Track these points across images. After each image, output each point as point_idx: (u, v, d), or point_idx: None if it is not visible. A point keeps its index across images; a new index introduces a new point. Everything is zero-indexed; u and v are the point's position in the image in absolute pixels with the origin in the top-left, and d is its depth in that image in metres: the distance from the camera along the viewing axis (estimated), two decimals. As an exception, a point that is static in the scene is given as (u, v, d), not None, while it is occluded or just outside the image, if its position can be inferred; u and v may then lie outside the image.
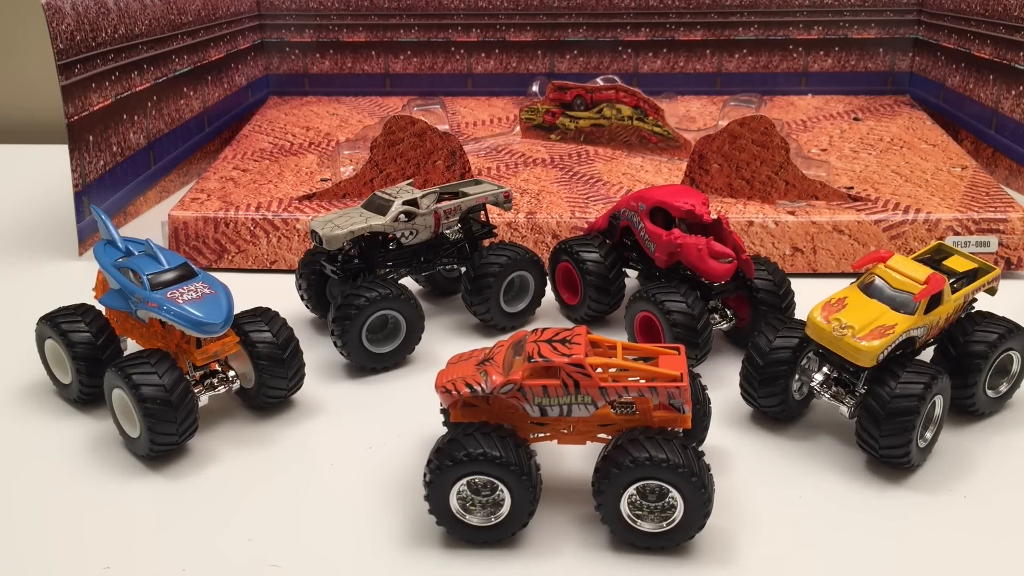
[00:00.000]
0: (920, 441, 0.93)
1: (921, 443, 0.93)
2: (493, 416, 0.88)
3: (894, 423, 0.90)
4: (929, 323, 0.96)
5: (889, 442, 0.91)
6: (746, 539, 0.87)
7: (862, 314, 0.94)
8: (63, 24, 1.42)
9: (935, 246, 1.06)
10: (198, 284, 1.00)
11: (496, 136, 1.78)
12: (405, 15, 2.07)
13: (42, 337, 1.08)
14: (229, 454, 1.00)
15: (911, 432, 0.90)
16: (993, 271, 1.02)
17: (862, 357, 0.91)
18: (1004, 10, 1.71)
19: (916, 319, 0.94)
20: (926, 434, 0.94)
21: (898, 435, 0.90)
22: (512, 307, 1.23)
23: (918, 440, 0.92)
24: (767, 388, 0.99)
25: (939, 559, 0.84)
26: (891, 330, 0.92)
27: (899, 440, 0.90)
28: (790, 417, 1.01)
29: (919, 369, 0.92)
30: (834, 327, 0.93)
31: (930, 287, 0.94)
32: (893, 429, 0.90)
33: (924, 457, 0.95)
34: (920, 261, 1.02)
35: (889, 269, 0.97)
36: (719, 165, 1.44)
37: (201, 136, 1.86)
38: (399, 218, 1.18)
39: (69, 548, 0.87)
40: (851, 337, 0.92)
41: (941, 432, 0.97)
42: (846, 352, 0.93)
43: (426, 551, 0.86)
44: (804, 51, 2.04)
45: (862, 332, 0.92)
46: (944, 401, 0.95)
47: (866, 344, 0.91)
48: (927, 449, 0.95)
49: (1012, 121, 1.68)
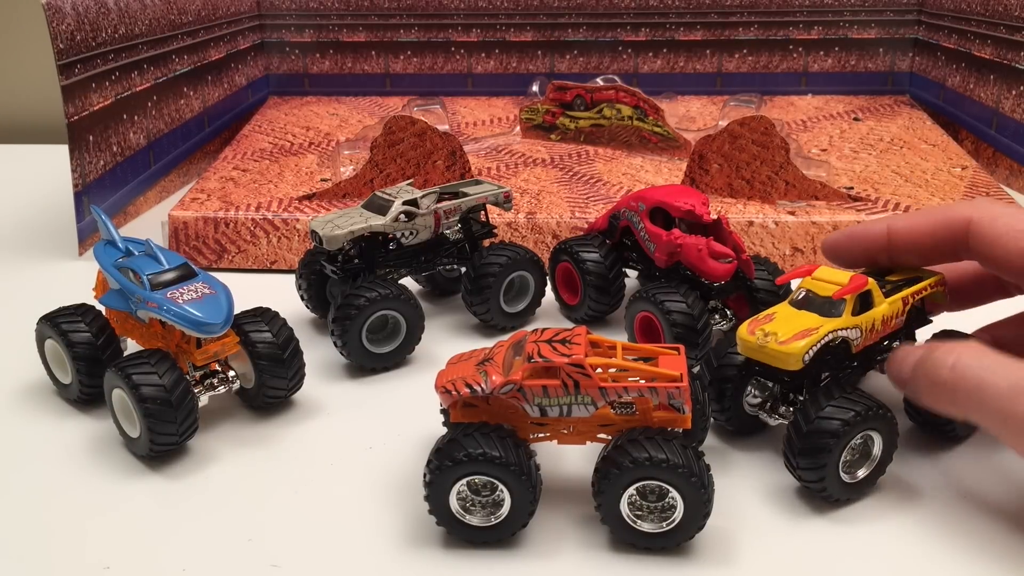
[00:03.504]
0: (845, 474, 0.89)
1: (846, 477, 0.90)
2: (493, 416, 0.88)
3: (810, 449, 0.88)
4: (862, 325, 0.94)
5: (805, 467, 0.88)
6: (746, 539, 0.87)
7: (788, 323, 0.92)
8: (63, 24, 1.42)
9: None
10: (198, 284, 1.00)
11: (496, 136, 1.78)
12: (405, 15, 2.07)
13: (42, 337, 1.08)
14: (229, 454, 1.00)
15: (826, 460, 0.87)
16: (935, 275, 1.00)
17: (788, 359, 0.90)
18: (1004, 10, 1.71)
19: (843, 320, 0.92)
20: (857, 471, 0.91)
21: (813, 461, 0.88)
22: (512, 307, 1.23)
23: (840, 472, 0.89)
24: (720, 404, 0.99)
25: (938, 559, 0.85)
26: (815, 331, 0.91)
27: (814, 465, 0.88)
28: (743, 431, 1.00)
29: (851, 399, 0.89)
30: (758, 337, 0.92)
31: (851, 286, 0.93)
32: (809, 455, 0.88)
33: (855, 493, 0.90)
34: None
35: (815, 280, 0.95)
36: (719, 165, 1.44)
37: (201, 136, 1.86)
38: (399, 218, 1.18)
39: (69, 548, 0.87)
40: (775, 342, 0.90)
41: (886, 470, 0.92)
42: (773, 358, 0.91)
43: (426, 551, 0.86)
44: (804, 51, 2.04)
45: (785, 336, 0.91)
46: (884, 440, 0.90)
47: (788, 346, 0.90)
48: (860, 485, 0.90)
49: (1012, 121, 1.68)
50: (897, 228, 0.98)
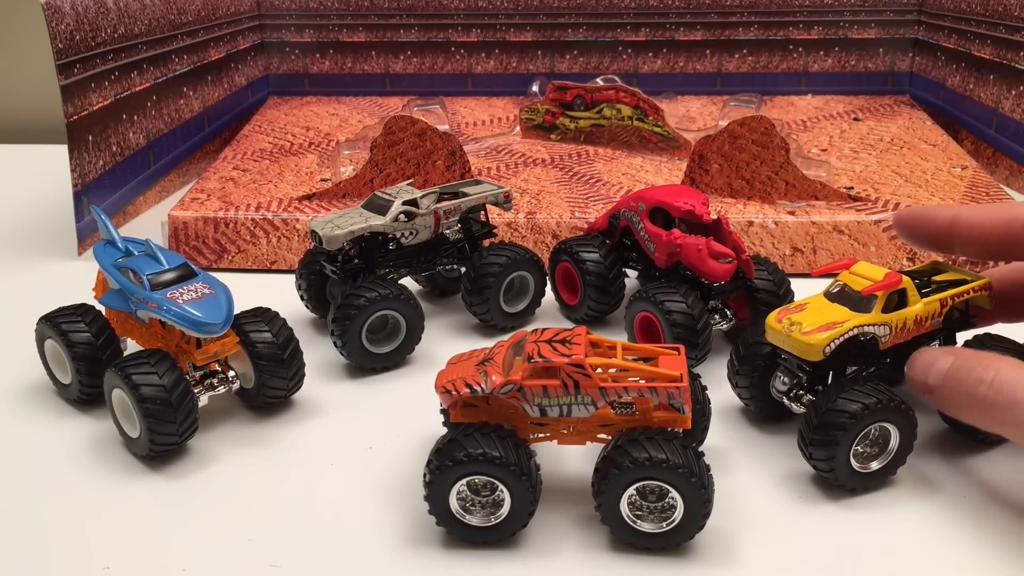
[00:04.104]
0: (855, 462, 0.90)
1: (858, 465, 0.90)
2: (493, 416, 0.88)
3: (822, 434, 0.89)
4: (892, 323, 0.94)
5: (817, 452, 0.90)
6: (746, 539, 0.87)
7: (816, 315, 0.93)
8: (63, 24, 1.42)
9: (931, 264, 1.04)
10: (198, 284, 1.00)
11: (496, 136, 1.78)
12: (405, 15, 2.07)
13: (42, 337, 1.08)
14: (229, 454, 1.00)
15: (836, 446, 0.88)
16: (981, 280, 0.99)
17: (809, 350, 0.91)
18: (1004, 10, 1.71)
19: (871, 317, 0.92)
20: (871, 463, 0.91)
21: (824, 447, 0.89)
22: (512, 307, 1.23)
23: (851, 460, 0.89)
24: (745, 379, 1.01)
25: (939, 558, 0.84)
26: (839, 325, 0.91)
27: (825, 452, 0.89)
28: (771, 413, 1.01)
29: (868, 390, 0.89)
30: (784, 326, 0.93)
31: (883, 283, 0.93)
32: (820, 440, 0.89)
33: (866, 482, 0.91)
34: (911, 275, 1.01)
35: (852, 274, 0.96)
36: (719, 165, 1.44)
37: (201, 136, 1.86)
38: (399, 218, 1.18)
39: (69, 548, 0.87)
40: (798, 332, 0.91)
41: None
42: (795, 347, 0.92)
43: (426, 551, 0.86)
44: (804, 51, 2.04)
45: (810, 327, 0.91)
46: (901, 434, 0.91)
47: (811, 337, 0.90)
48: (873, 476, 0.91)
49: (1012, 121, 1.68)
50: (962, 218, 0.96)
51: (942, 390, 0.89)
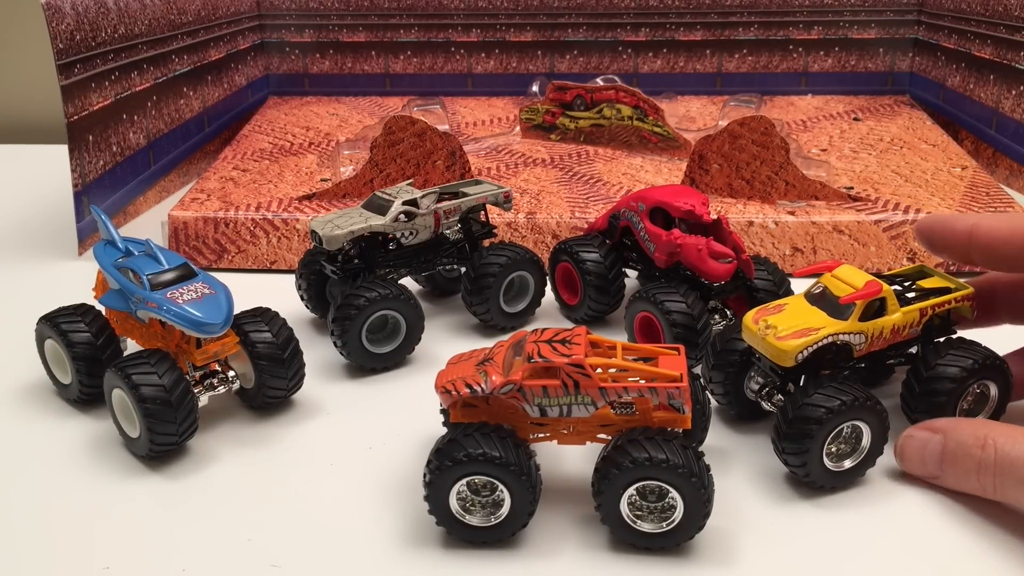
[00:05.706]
0: (829, 461, 0.90)
1: (831, 464, 0.90)
2: (493, 416, 0.88)
3: (795, 431, 0.89)
4: (868, 332, 0.93)
5: (789, 449, 0.89)
6: (746, 539, 0.87)
7: (793, 318, 0.92)
8: (63, 24, 1.42)
9: (916, 267, 1.04)
10: (198, 284, 1.00)
11: (496, 136, 1.78)
12: (405, 15, 2.07)
13: (42, 337, 1.08)
14: (229, 454, 1.00)
15: (809, 444, 0.88)
16: (964, 289, 0.98)
17: (782, 356, 0.90)
18: (1004, 10, 1.71)
19: (847, 325, 0.92)
20: (844, 461, 0.91)
21: (797, 444, 0.89)
22: (512, 307, 1.23)
23: (825, 459, 0.89)
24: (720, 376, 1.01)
25: (938, 559, 0.84)
26: (813, 332, 0.91)
27: (797, 449, 0.89)
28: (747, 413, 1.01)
29: (841, 388, 0.89)
30: (760, 328, 0.92)
31: (862, 292, 0.92)
32: (792, 437, 0.89)
33: (839, 481, 0.91)
34: (895, 278, 1.00)
35: (834, 278, 0.95)
36: (719, 165, 1.44)
37: (201, 136, 1.86)
38: (399, 218, 1.18)
39: (69, 548, 0.87)
40: (772, 337, 0.91)
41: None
42: (768, 351, 0.92)
43: (426, 551, 0.86)
44: (804, 51, 2.04)
45: (784, 332, 0.91)
46: (873, 433, 0.90)
47: (784, 343, 0.90)
48: (846, 475, 0.91)
49: (1012, 121, 1.68)
50: (980, 227, 0.95)
51: (944, 479, 0.91)
